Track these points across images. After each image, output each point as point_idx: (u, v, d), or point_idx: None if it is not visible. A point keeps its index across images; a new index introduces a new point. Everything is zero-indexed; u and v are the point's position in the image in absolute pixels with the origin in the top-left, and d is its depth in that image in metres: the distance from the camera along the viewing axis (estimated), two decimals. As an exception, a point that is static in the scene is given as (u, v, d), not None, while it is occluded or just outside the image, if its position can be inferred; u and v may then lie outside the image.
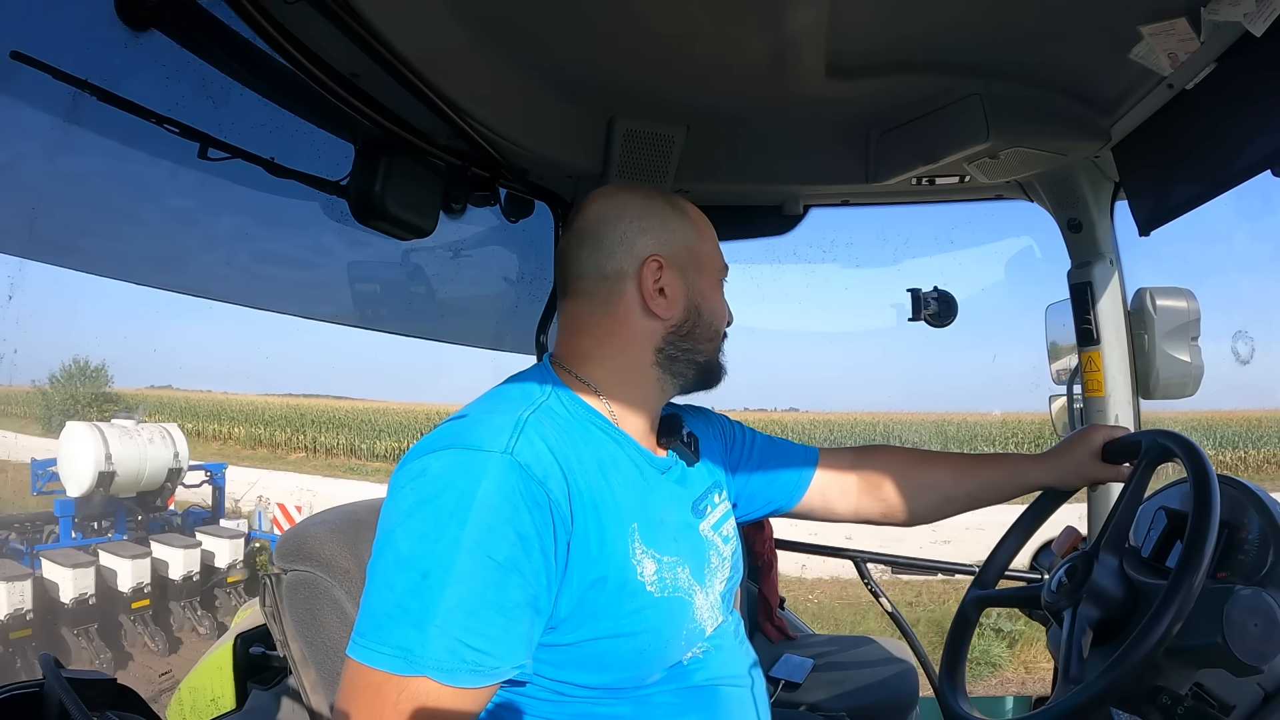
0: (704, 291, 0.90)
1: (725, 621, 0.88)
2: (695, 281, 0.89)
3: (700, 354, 0.89)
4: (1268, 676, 0.78)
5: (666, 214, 0.89)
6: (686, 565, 0.81)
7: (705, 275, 0.90)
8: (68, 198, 1.17)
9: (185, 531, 8.46)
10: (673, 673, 0.79)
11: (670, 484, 0.88)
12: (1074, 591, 0.88)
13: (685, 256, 0.88)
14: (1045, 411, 1.73)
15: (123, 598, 7.04)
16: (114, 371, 24.71)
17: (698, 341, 0.89)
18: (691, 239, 0.90)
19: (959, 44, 1.15)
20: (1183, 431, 0.92)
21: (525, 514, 0.68)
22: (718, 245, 0.94)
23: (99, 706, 0.80)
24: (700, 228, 0.91)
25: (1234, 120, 1.02)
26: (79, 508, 8.12)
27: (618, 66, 1.23)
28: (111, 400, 23.36)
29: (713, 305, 0.91)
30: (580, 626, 0.73)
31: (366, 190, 1.22)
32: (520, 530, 0.67)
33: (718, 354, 0.92)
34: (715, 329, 0.91)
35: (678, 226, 0.89)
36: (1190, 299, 1.48)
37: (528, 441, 0.72)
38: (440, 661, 0.63)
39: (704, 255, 0.91)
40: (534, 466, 0.70)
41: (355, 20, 0.92)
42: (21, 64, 0.90)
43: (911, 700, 1.90)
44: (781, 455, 1.09)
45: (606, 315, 0.87)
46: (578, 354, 0.87)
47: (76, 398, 22.48)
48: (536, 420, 0.76)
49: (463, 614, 0.64)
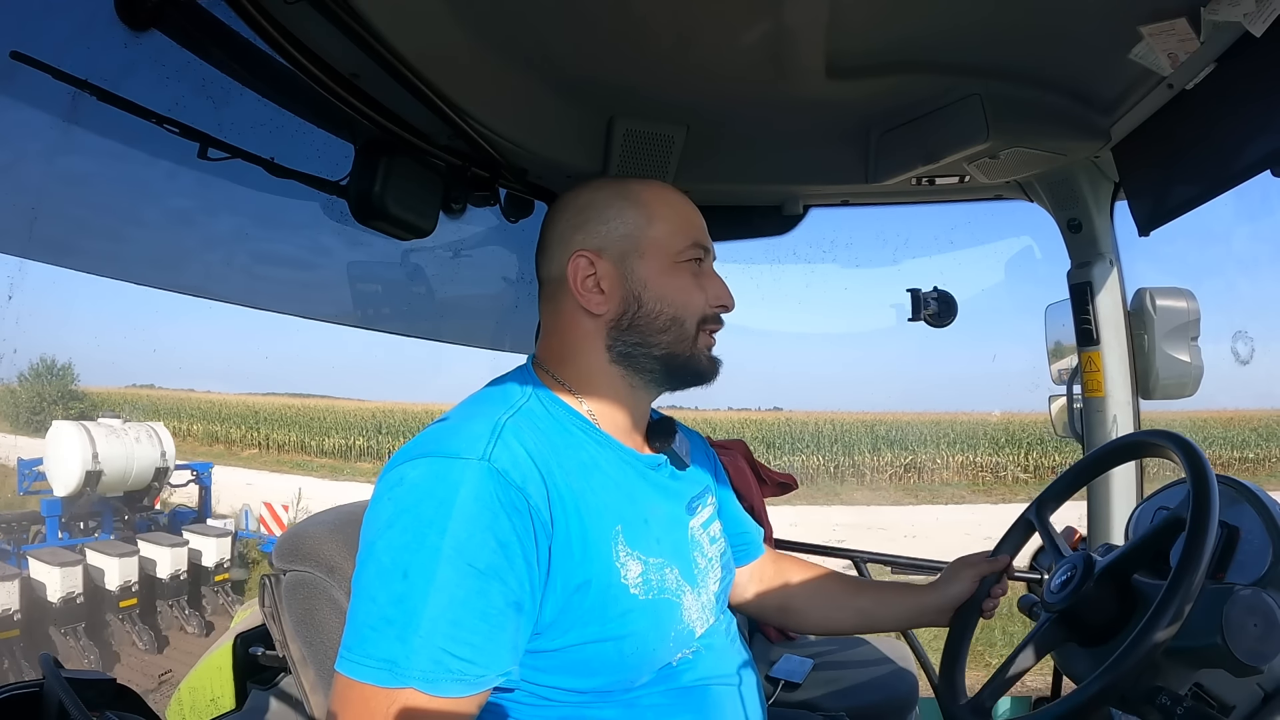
0: (647, 279, 0.84)
1: (717, 622, 0.87)
2: (636, 270, 0.84)
3: (655, 345, 0.84)
4: (1267, 676, 0.78)
5: (606, 204, 0.85)
6: (674, 566, 0.80)
7: (650, 261, 0.84)
8: (68, 198, 1.17)
9: (172, 530, 8.45)
10: (661, 674, 0.79)
11: (661, 480, 0.87)
12: (1074, 591, 0.88)
13: (624, 245, 0.84)
14: (1045, 412, 1.73)
15: (110, 596, 7.03)
16: (81, 370, 25.63)
17: (646, 333, 0.84)
18: (634, 225, 0.85)
19: (959, 44, 1.15)
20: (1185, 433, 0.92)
21: (505, 520, 0.68)
22: (683, 226, 0.87)
23: (98, 706, 0.80)
24: (652, 210, 0.86)
25: (1234, 120, 1.02)
26: (66, 507, 8.10)
27: (618, 66, 1.23)
28: (78, 398, 24.14)
29: (661, 292, 0.84)
30: (566, 632, 0.73)
31: (366, 190, 1.22)
32: (500, 537, 0.67)
33: (685, 344, 0.85)
34: (669, 317, 0.84)
35: (616, 215, 0.85)
36: (1190, 299, 1.48)
37: (505, 447, 0.72)
38: (426, 672, 0.63)
39: (650, 240, 0.85)
40: (512, 472, 0.70)
41: (355, 20, 0.92)
42: (21, 64, 0.90)
43: (911, 700, 1.89)
44: (746, 521, 1.11)
45: (559, 317, 0.87)
46: (552, 356, 0.87)
47: (44, 395, 23.25)
48: (515, 424, 0.75)
49: (446, 623, 0.64)
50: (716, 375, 0.89)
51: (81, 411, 21.80)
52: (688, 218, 0.88)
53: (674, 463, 0.90)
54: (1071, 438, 1.62)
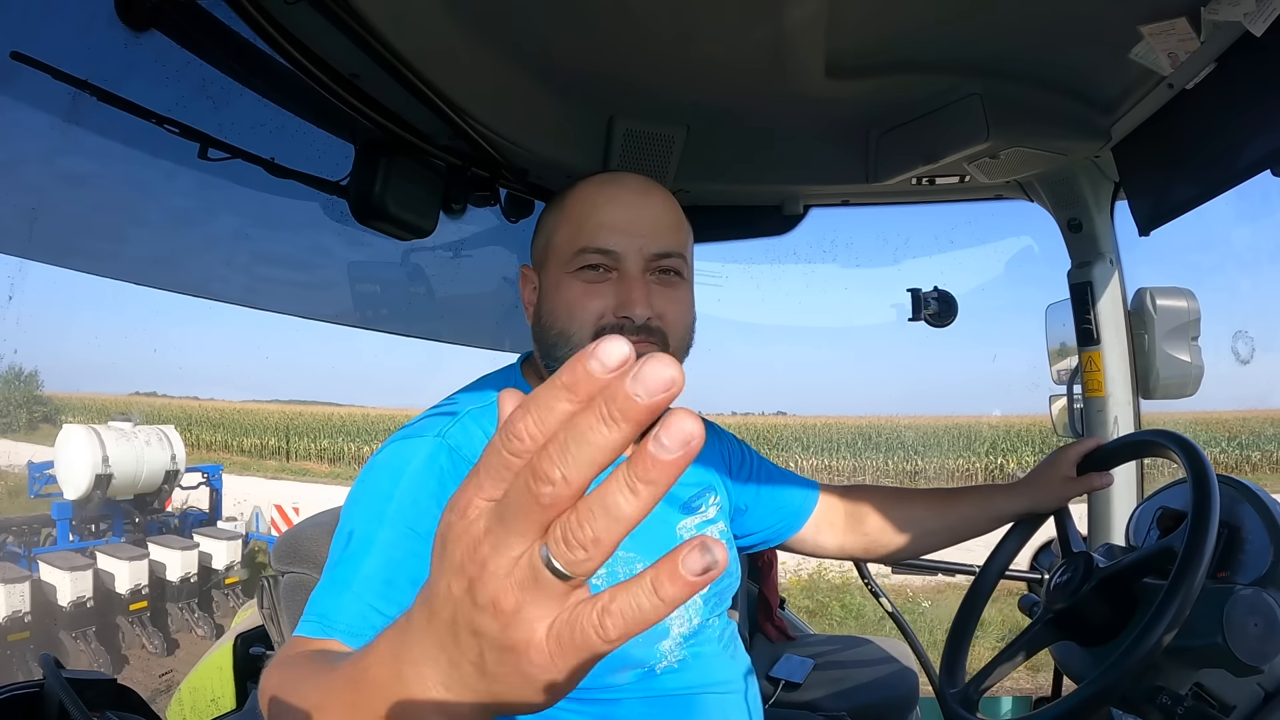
0: (545, 290, 0.81)
1: (708, 626, 0.85)
2: (542, 281, 0.81)
3: (554, 360, 0.79)
4: (1268, 676, 0.78)
5: (545, 215, 0.84)
6: (646, 561, 0.78)
7: (548, 270, 0.80)
8: (68, 198, 1.17)
9: (183, 533, 8.46)
10: (642, 678, 0.77)
11: None
12: (1074, 591, 0.88)
13: (541, 255, 0.83)
14: (1045, 413, 1.73)
15: (120, 600, 7.01)
16: (46, 377, 28.18)
17: (546, 346, 0.80)
18: (548, 234, 0.81)
19: (959, 44, 1.15)
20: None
21: (452, 489, 0.68)
22: (578, 232, 0.79)
23: (99, 707, 0.80)
24: (567, 215, 0.81)
25: (1234, 120, 1.02)
26: (76, 510, 8.09)
27: (618, 66, 1.22)
28: (42, 403, 27.06)
29: (550, 305, 0.79)
30: None
31: (366, 190, 1.22)
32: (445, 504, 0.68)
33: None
34: (558, 331, 0.78)
35: (545, 223, 0.83)
36: (1190, 299, 1.48)
37: (463, 429, 0.74)
38: (351, 625, 0.64)
39: (552, 249, 0.80)
40: (465, 448, 0.72)
41: (355, 20, 0.92)
42: (21, 64, 0.90)
43: (911, 700, 1.90)
44: (787, 483, 1.09)
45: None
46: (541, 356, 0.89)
47: (10, 399, 25.38)
48: (482, 413, 0.77)
49: (380, 582, 0.65)
50: None
51: (45, 415, 24.99)
52: (593, 218, 0.79)
53: None
54: (1072, 438, 1.62)
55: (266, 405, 33.34)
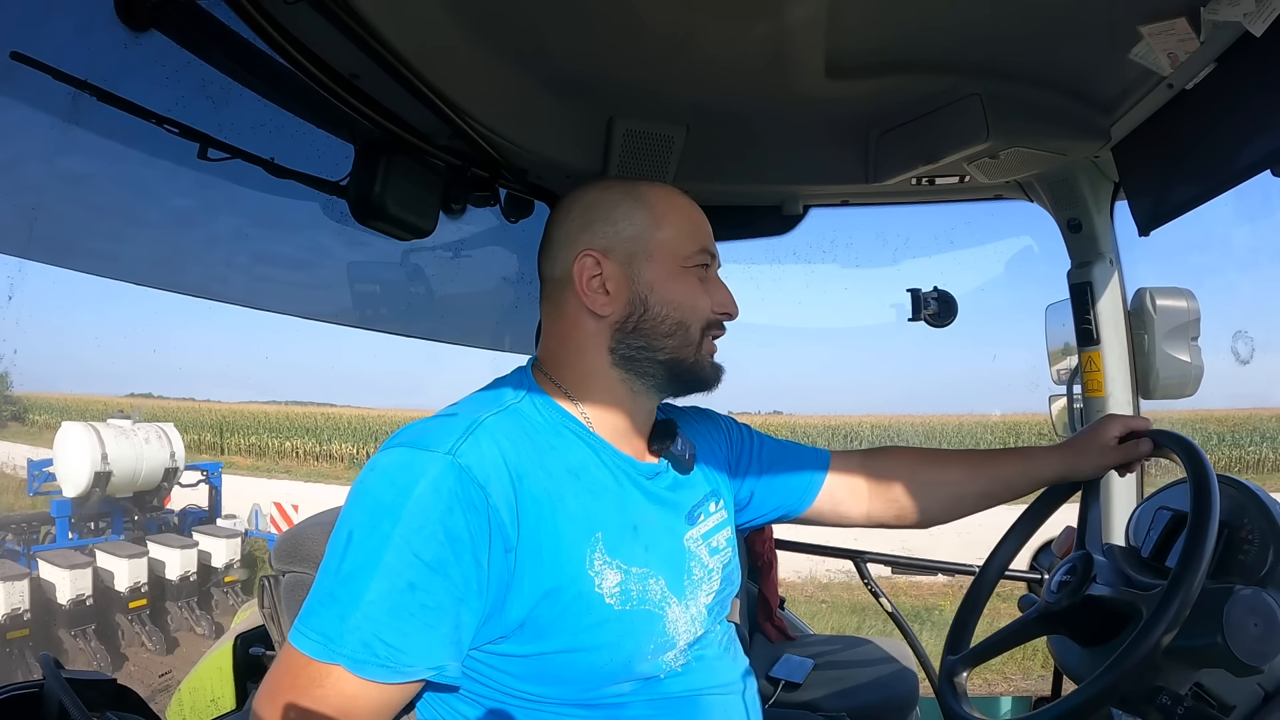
0: (654, 282, 0.83)
1: (710, 633, 0.85)
2: (642, 272, 0.83)
3: (660, 350, 0.82)
4: (1268, 676, 0.78)
5: (614, 205, 0.84)
6: (660, 577, 0.78)
7: (658, 264, 0.83)
8: (68, 198, 1.17)
9: (182, 531, 8.46)
10: (647, 684, 0.77)
11: (658, 490, 0.84)
12: (1074, 591, 0.88)
13: (631, 247, 0.83)
14: (1045, 412, 1.73)
15: (120, 598, 7.03)
16: (17, 378, 28.20)
17: (651, 337, 0.82)
18: (642, 227, 0.84)
19: (959, 44, 1.15)
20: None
21: (459, 515, 0.68)
22: (691, 231, 0.86)
23: (99, 707, 0.81)
24: (660, 213, 0.85)
25: (1234, 120, 1.02)
26: (75, 508, 8.10)
27: (617, 66, 1.22)
28: (12, 402, 27.41)
29: (667, 295, 0.83)
30: (537, 639, 0.72)
31: (366, 190, 1.22)
32: (451, 531, 0.67)
33: (689, 350, 0.84)
34: (675, 321, 0.83)
35: (625, 216, 0.84)
36: (1190, 299, 1.48)
37: (475, 444, 0.71)
38: (354, 653, 0.64)
39: (658, 243, 0.83)
40: (476, 469, 0.70)
41: (355, 20, 0.92)
42: (21, 64, 0.90)
43: (911, 700, 1.90)
44: (792, 458, 1.05)
45: (561, 318, 0.85)
46: (551, 358, 0.86)
47: None
48: (496, 423, 0.75)
49: (384, 610, 0.65)
50: (719, 382, 0.88)
51: (14, 414, 25.85)
52: (696, 223, 0.87)
53: (676, 468, 0.88)
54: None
55: (266, 406, 33.46)
